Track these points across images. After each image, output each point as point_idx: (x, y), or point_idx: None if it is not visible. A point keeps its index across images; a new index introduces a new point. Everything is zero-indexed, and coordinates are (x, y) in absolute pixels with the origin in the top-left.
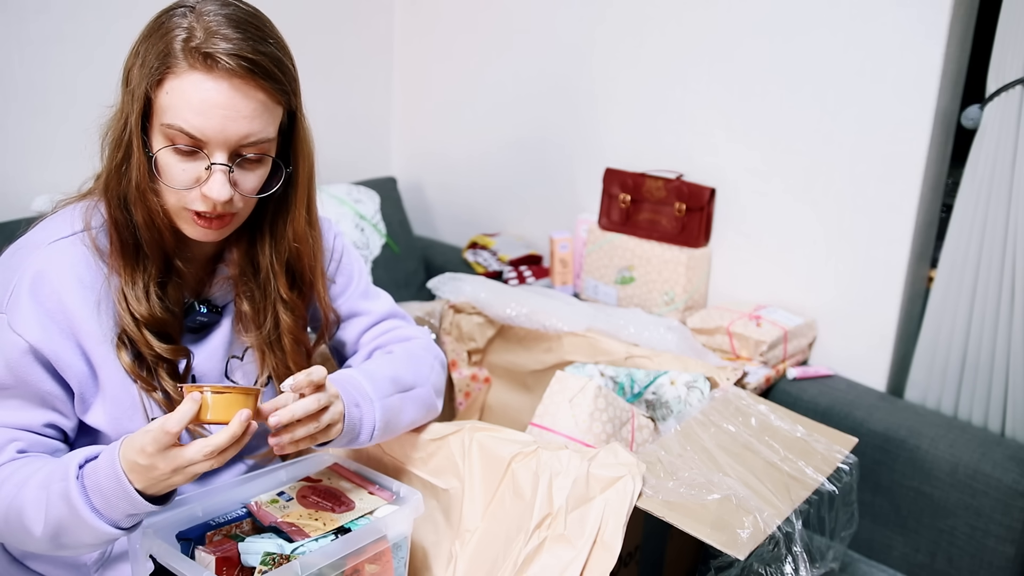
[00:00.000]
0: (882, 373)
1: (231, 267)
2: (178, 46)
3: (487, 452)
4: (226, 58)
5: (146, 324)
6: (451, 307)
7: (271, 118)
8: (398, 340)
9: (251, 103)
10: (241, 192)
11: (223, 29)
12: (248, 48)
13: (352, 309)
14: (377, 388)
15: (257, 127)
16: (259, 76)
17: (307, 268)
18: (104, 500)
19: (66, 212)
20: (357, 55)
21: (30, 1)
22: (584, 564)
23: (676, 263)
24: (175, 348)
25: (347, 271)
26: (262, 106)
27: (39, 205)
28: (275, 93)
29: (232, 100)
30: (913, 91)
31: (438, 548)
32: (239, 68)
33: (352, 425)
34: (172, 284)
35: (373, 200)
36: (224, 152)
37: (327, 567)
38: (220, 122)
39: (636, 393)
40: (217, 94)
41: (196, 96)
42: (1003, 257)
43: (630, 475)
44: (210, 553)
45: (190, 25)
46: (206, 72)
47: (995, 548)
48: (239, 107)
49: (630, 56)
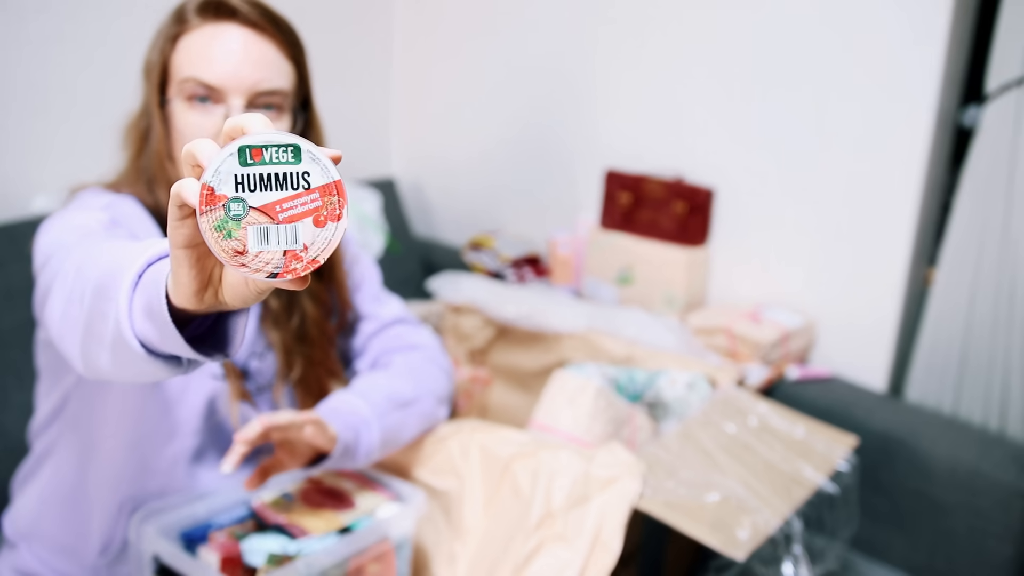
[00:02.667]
0: (882, 373)
1: None
2: (190, 6)
3: (487, 452)
4: (238, 4)
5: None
6: (451, 307)
7: (283, 69)
8: (403, 348)
9: (263, 48)
10: None
11: None
12: (259, 4)
13: (362, 313)
14: (374, 408)
15: (270, 74)
16: (270, 23)
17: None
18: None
19: (90, 190)
20: (357, 55)
21: (30, 1)
22: (583, 564)
23: (676, 263)
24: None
25: (359, 275)
26: (274, 54)
27: (39, 205)
28: (286, 44)
29: (244, 44)
30: (913, 91)
31: (438, 549)
32: (250, 12)
33: (347, 447)
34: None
35: (373, 200)
36: (241, 100)
37: (331, 567)
38: (234, 66)
39: (636, 393)
40: (229, 40)
41: (209, 44)
42: (1003, 257)
43: (629, 475)
44: (213, 552)
45: None
46: (217, 21)
47: (995, 548)
48: (251, 52)
49: (631, 56)
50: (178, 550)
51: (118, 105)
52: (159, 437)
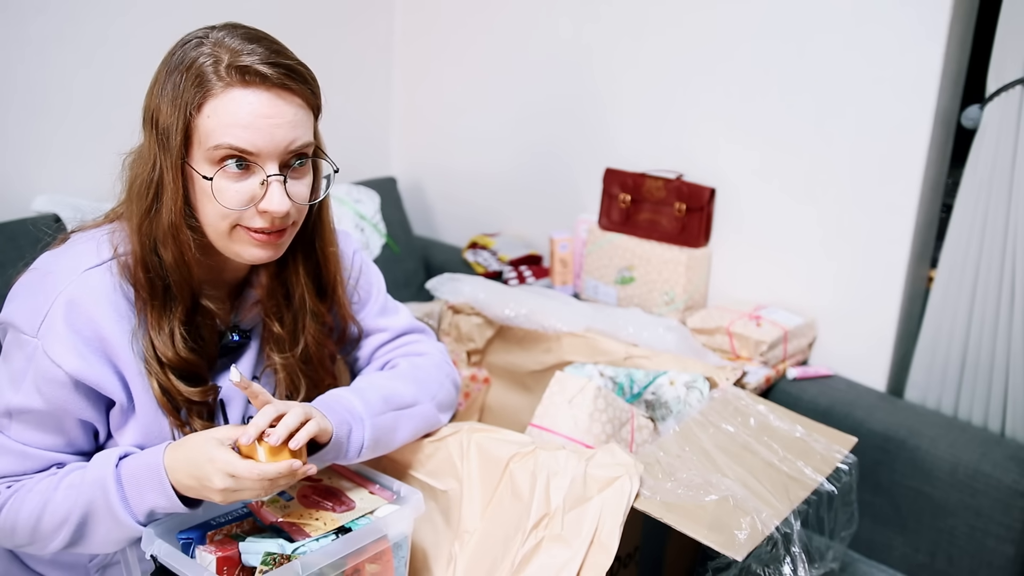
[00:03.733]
0: (882, 373)
1: (259, 290)
2: (209, 69)
3: (485, 453)
4: (262, 67)
5: (172, 367)
6: (450, 308)
7: (309, 122)
8: (409, 355)
9: (292, 108)
10: (295, 201)
11: (246, 46)
12: (276, 57)
13: (369, 326)
14: (368, 407)
15: (300, 132)
16: (295, 80)
17: (332, 275)
18: (137, 489)
19: (92, 237)
20: (357, 55)
21: (30, 1)
22: (581, 564)
23: (676, 263)
24: (203, 390)
25: (366, 287)
26: (301, 111)
27: (39, 205)
28: (309, 97)
29: (275, 108)
30: (913, 91)
31: (437, 549)
32: (275, 75)
33: (339, 442)
34: (201, 323)
35: (373, 200)
36: (275, 163)
37: (328, 567)
38: (268, 131)
39: (635, 393)
40: (260, 105)
41: (241, 110)
42: (1003, 257)
43: (627, 475)
44: (211, 553)
45: (212, 50)
46: (244, 87)
47: (995, 548)
48: (284, 113)
49: (631, 56)
50: (175, 550)
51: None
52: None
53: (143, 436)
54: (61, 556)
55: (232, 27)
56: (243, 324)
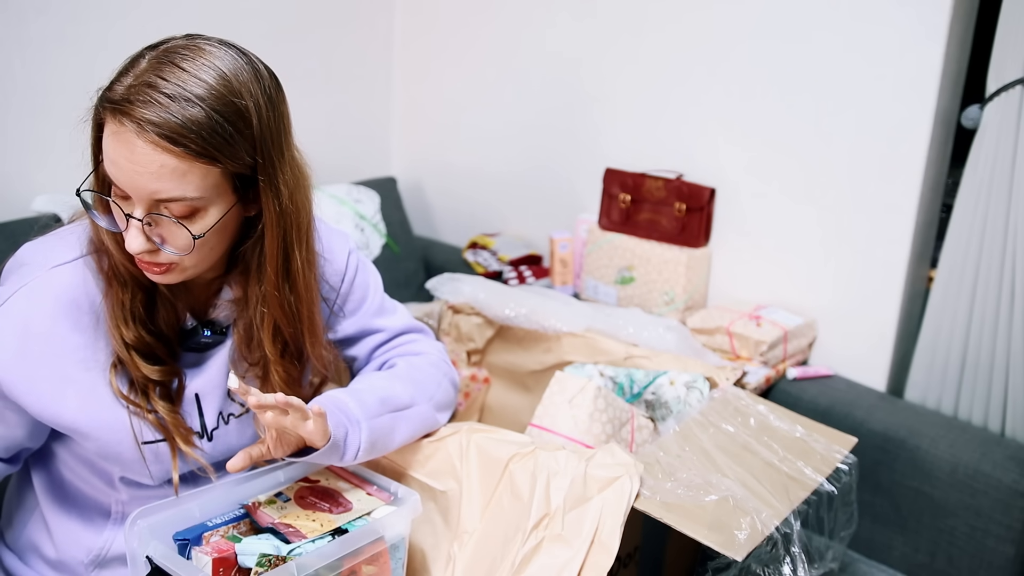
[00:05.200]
0: (882, 373)
1: (235, 289)
2: (106, 92)
3: (485, 453)
4: (132, 116)
5: (134, 347)
6: (450, 307)
7: (191, 179)
8: (407, 355)
9: (156, 163)
10: (172, 247)
11: (144, 85)
12: (159, 110)
13: (365, 327)
14: (365, 409)
15: (168, 186)
16: (164, 140)
17: (287, 334)
18: None
19: (73, 231)
20: (357, 55)
21: (30, 2)
22: (582, 564)
23: (676, 263)
24: (163, 369)
25: (361, 289)
26: (171, 168)
27: (39, 205)
28: (191, 157)
29: (136, 156)
30: (913, 91)
31: (437, 550)
32: (139, 129)
33: (336, 444)
34: (162, 305)
35: (373, 200)
36: (142, 205)
37: (323, 568)
38: (129, 176)
39: (635, 393)
40: (125, 148)
41: (109, 143)
42: (1003, 257)
43: (627, 475)
44: (207, 554)
45: (125, 69)
46: (118, 125)
47: (995, 548)
48: (144, 164)
49: (630, 56)
50: (171, 551)
51: None
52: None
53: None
54: (58, 555)
55: (165, 52)
56: (219, 319)
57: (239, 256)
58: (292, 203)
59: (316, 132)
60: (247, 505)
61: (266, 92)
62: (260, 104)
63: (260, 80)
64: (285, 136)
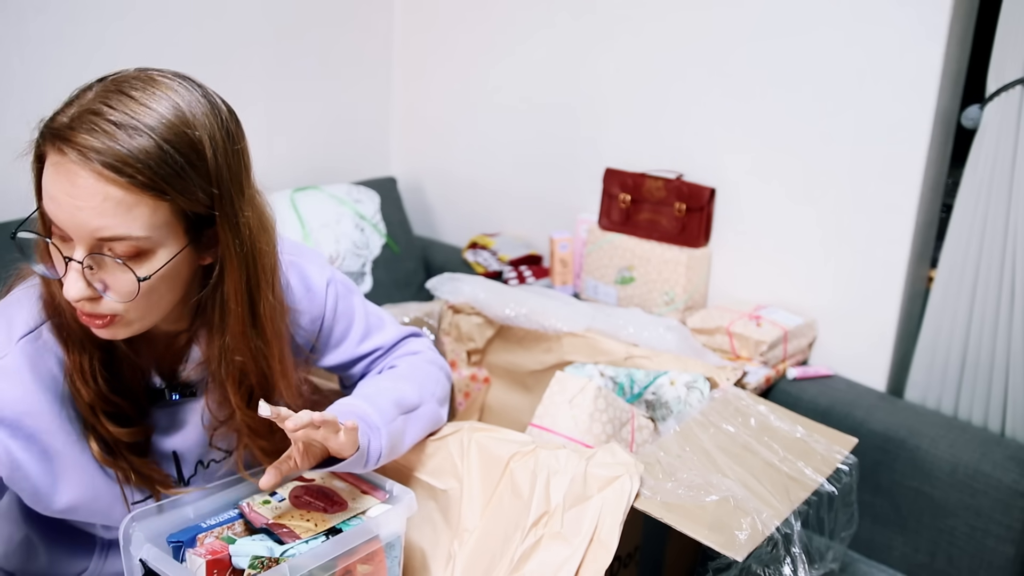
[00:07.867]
0: (882, 373)
1: (202, 347)
2: (48, 122)
3: (485, 452)
4: (73, 144)
5: (101, 409)
6: (450, 307)
7: (137, 215)
8: (405, 355)
9: (99, 196)
10: (114, 293)
11: (89, 113)
12: (104, 137)
13: (353, 354)
14: (382, 415)
15: (112, 222)
16: (108, 169)
17: (254, 380)
18: None
19: (30, 293)
20: (357, 55)
21: (29, 1)
22: (580, 561)
23: (676, 263)
24: (133, 431)
25: (346, 317)
26: (116, 202)
27: None
28: (138, 189)
29: (77, 188)
30: (913, 91)
31: (436, 549)
32: (82, 157)
33: (361, 454)
34: (124, 364)
35: (373, 200)
36: (83, 246)
37: (317, 569)
38: (69, 212)
39: (636, 393)
40: (65, 180)
41: (49, 176)
42: (1003, 257)
43: (627, 474)
44: (201, 556)
45: (71, 100)
46: (59, 155)
47: (995, 548)
48: (86, 197)
49: (630, 56)
50: (164, 554)
51: None
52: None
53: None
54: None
55: (115, 82)
56: (191, 379)
57: (200, 307)
58: (254, 243)
59: (316, 132)
60: (241, 506)
61: (223, 126)
62: (216, 138)
63: (217, 114)
64: (245, 173)
